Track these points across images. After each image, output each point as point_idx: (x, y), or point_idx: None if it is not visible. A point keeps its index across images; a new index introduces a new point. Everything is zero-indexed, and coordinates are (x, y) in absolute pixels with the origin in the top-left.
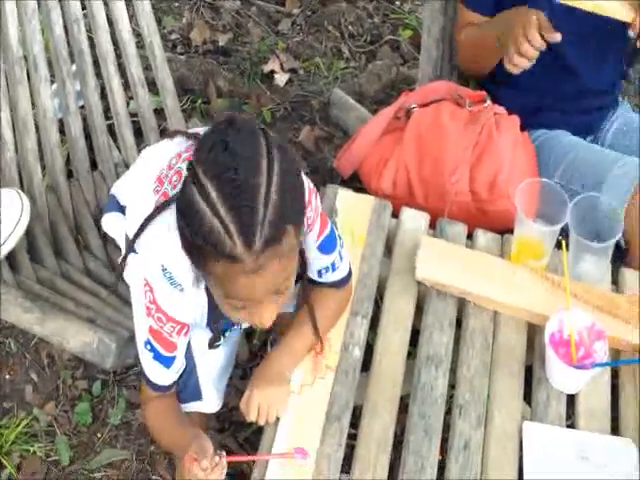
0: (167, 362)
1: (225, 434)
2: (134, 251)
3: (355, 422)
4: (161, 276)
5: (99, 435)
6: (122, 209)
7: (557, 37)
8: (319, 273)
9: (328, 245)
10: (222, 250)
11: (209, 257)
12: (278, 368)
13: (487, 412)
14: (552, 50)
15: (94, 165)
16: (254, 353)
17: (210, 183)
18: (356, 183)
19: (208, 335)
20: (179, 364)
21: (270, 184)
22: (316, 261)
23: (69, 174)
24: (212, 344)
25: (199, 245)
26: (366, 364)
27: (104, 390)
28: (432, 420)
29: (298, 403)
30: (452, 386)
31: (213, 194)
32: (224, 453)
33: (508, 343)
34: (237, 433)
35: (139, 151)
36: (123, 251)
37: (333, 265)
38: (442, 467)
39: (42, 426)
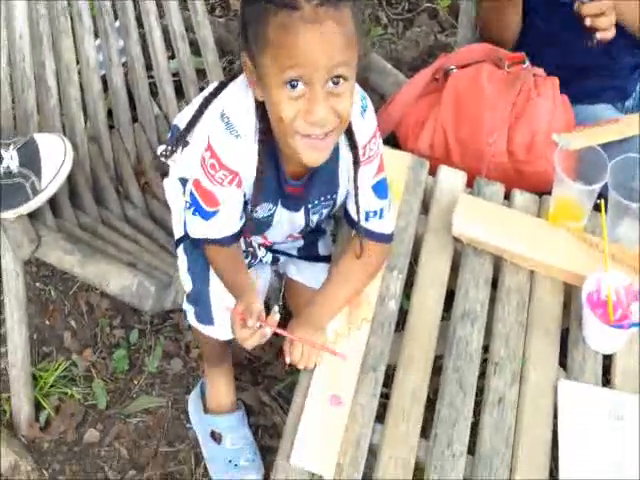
0: (206, 215)
1: (259, 387)
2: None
3: (389, 378)
4: (219, 121)
5: (135, 382)
6: None
7: None
8: (367, 215)
9: (382, 189)
10: None
11: (268, 13)
12: (318, 317)
13: (522, 370)
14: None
15: (135, 118)
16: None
17: None
18: (392, 145)
19: None
20: (224, 218)
21: None
22: (367, 202)
23: (110, 126)
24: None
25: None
26: (400, 322)
27: (141, 339)
28: (466, 374)
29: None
30: (486, 347)
31: None
32: (277, 310)
33: (544, 303)
34: (270, 387)
35: (179, 105)
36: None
37: (382, 212)
38: (475, 423)
39: (80, 371)
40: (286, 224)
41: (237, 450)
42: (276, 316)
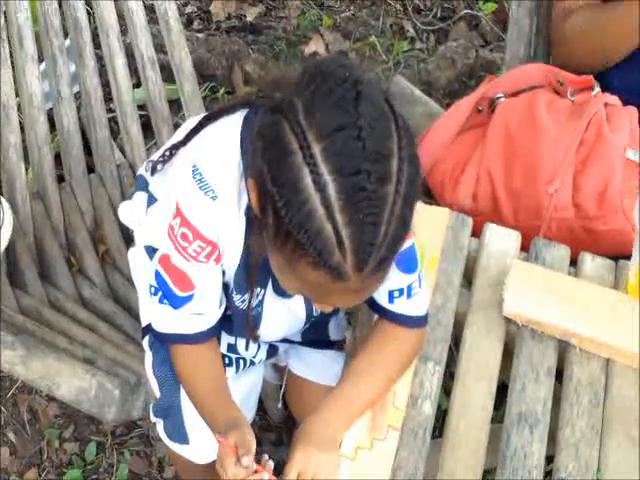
0: (177, 302)
1: None
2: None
3: None
4: (190, 178)
5: None
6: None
7: None
8: (390, 296)
9: (409, 260)
10: (327, 260)
11: (305, 259)
12: (328, 429)
13: None
14: None
15: (91, 167)
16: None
17: (331, 176)
18: (423, 196)
19: None
20: (200, 306)
21: (397, 195)
22: (389, 278)
23: (60, 178)
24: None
25: (295, 237)
26: (438, 429)
27: (100, 455)
28: None
29: (352, 471)
30: (549, 457)
31: (332, 192)
32: (267, 458)
33: (625, 400)
34: None
35: (147, 150)
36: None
37: (410, 289)
38: None
39: None
40: (280, 317)
41: None
42: (270, 463)
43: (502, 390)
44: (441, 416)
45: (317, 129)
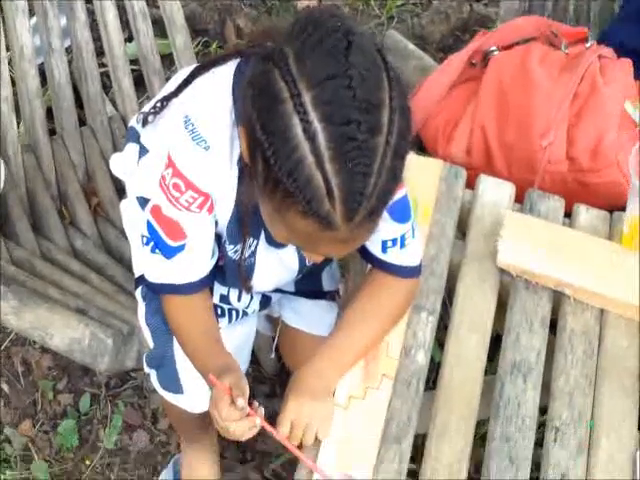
0: (169, 252)
1: (248, 465)
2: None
3: (418, 451)
4: (182, 129)
5: (88, 462)
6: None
7: None
8: (383, 245)
9: (402, 210)
10: (316, 209)
11: (294, 207)
12: (321, 379)
13: (590, 437)
14: None
15: (82, 120)
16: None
17: (321, 124)
18: (416, 150)
19: None
20: (192, 255)
21: (388, 146)
22: (382, 228)
23: (51, 131)
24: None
25: (284, 185)
26: (432, 379)
27: (94, 406)
28: (519, 445)
29: (345, 421)
30: (543, 408)
31: (322, 141)
32: (258, 405)
33: (618, 350)
34: (263, 465)
35: (139, 103)
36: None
37: (403, 239)
38: None
39: (16, 449)
40: (273, 268)
41: None
42: (261, 409)
43: (496, 341)
44: (435, 368)
45: (308, 77)
